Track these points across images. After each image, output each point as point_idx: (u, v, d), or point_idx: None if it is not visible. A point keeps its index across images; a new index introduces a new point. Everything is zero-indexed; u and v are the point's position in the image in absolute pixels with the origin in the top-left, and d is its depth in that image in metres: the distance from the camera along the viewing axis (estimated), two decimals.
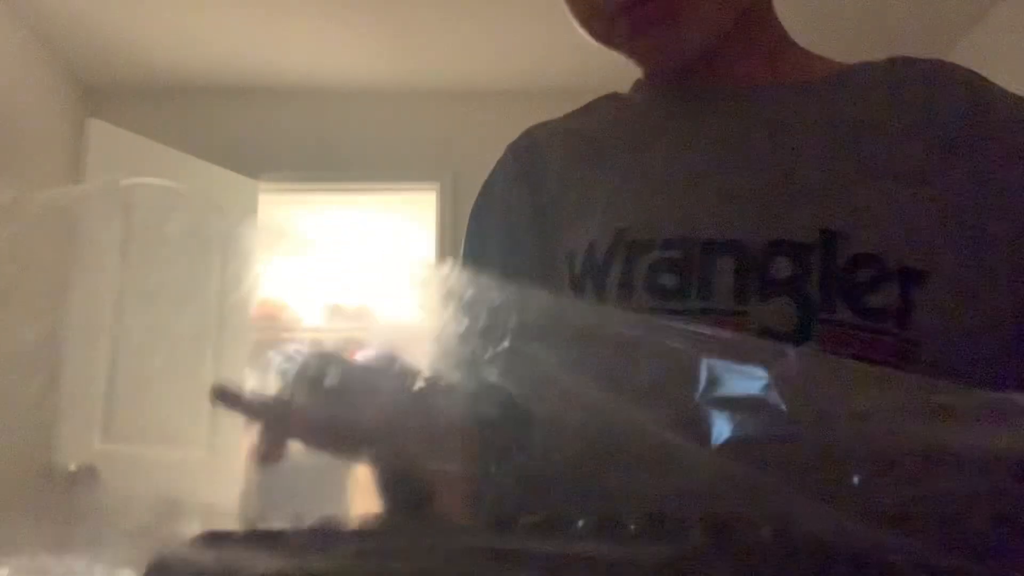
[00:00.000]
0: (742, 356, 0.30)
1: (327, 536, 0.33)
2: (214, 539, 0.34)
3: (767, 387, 0.29)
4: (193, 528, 0.36)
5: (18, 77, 3.34)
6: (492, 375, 0.39)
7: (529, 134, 0.79)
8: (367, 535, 0.31)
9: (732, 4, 0.69)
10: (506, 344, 0.38)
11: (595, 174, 0.71)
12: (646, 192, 0.66)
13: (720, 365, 0.29)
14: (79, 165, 3.33)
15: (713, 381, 0.29)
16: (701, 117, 0.70)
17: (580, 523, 0.29)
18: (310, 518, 0.34)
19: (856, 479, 0.28)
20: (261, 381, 0.54)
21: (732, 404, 0.29)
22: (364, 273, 0.56)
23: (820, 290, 0.57)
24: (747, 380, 0.29)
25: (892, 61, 0.71)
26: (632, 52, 0.70)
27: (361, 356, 0.55)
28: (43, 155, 3.48)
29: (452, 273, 0.41)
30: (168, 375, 0.51)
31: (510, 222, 0.75)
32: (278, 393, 0.53)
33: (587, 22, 0.70)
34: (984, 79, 0.70)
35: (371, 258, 0.55)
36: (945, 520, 0.28)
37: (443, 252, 3.74)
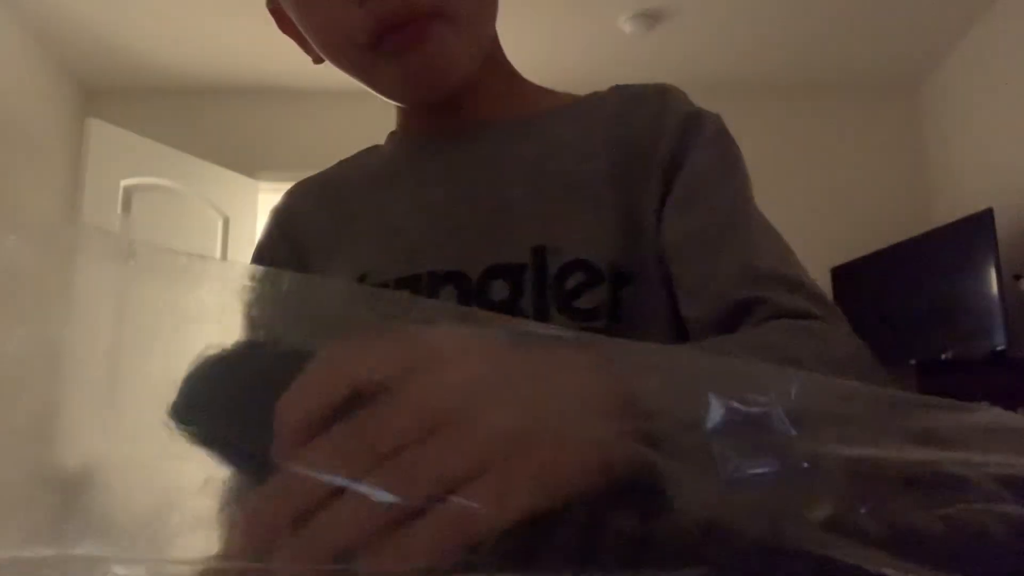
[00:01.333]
0: (746, 380, 0.30)
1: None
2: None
3: (772, 412, 0.29)
4: (193, 528, 0.36)
5: (18, 78, 3.35)
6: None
7: (288, 193, 0.81)
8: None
9: (486, 32, 0.71)
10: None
11: (338, 221, 0.74)
12: (380, 235, 0.70)
13: (724, 392, 0.29)
14: (79, 165, 3.34)
15: (718, 408, 0.29)
16: (434, 156, 0.74)
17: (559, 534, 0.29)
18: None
19: (863, 509, 0.28)
20: None
21: (739, 432, 0.29)
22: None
23: (534, 302, 0.62)
24: (752, 405, 0.29)
25: (611, 89, 0.76)
26: (399, 74, 0.67)
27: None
28: (43, 155, 3.48)
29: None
30: (168, 375, 0.51)
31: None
32: None
33: (341, 52, 0.69)
34: (687, 100, 0.73)
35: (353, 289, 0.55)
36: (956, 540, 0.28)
37: None
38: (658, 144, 0.68)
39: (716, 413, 0.28)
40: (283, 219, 0.79)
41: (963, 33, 3.53)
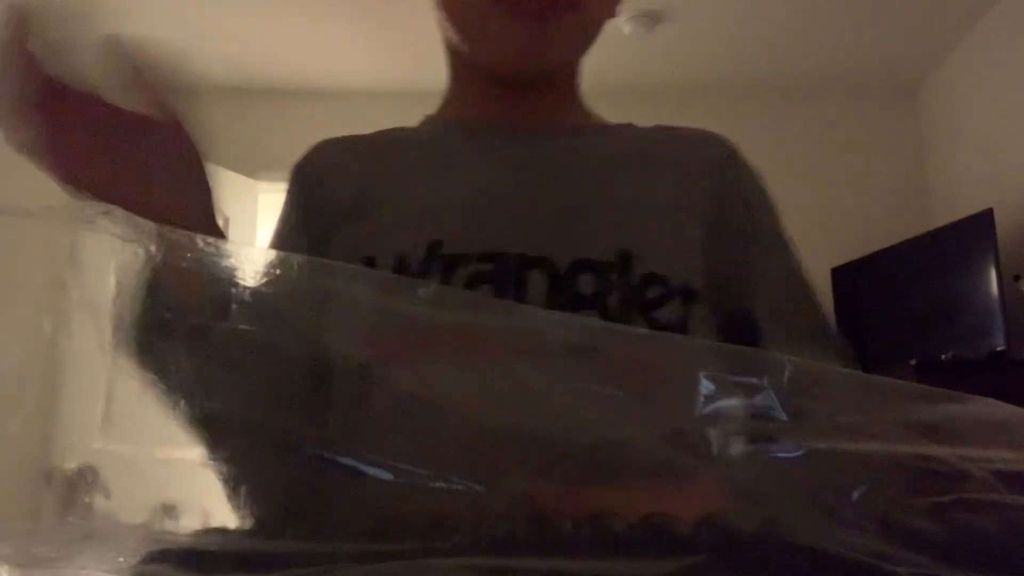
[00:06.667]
0: (739, 366, 0.30)
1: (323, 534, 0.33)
2: (212, 532, 0.34)
3: (766, 397, 0.29)
4: (192, 528, 0.36)
5: None
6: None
7: (317, 149, 0.80)
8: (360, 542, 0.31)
9: (600, 28, 0.74)
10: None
11: (397, 190, 0.72)
12: (455, 209, 0.69)
13: (718, 376, 0.29)
14: None
15: (712, 393, 0.29)
16: (508, 143, 0.74)
17: (571, 528, 0.29)
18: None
19: (856, 494, 0.28)
20: None
21: (731, 415, 0.29)
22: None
23: (619, 304, 0.63)
24: (745, 390, 0.29)
25: (654, 127, 0.79)
26: (510, 36, 0.69)
27: None
28: None
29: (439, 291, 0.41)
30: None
31: (293, 232, 0.76)
32: None
33: (458, 9, 0.70)
34: (735, 146, 0.78)
35: (363, 272, 0.55)
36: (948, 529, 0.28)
37: None
38: (723, 199, 0.72)
39: (708, 394, 0.28)
40: (312, 176, 0.77)
41: (963, 33, 3.53)
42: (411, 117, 0.84)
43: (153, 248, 0.37)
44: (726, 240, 0.70)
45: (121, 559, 0.32)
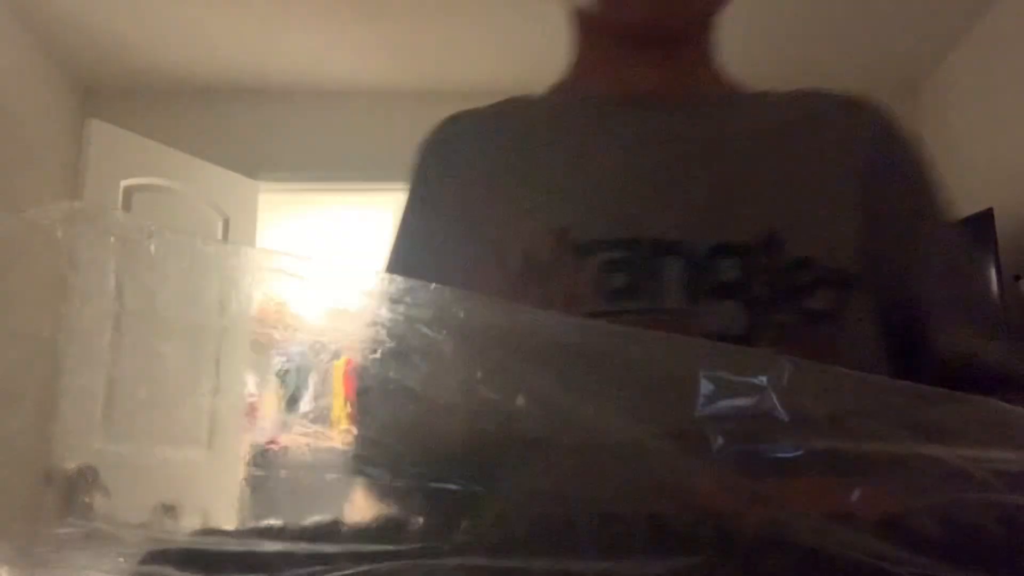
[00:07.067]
0: (738, 366, 0.30)
1: (322, 535, 0.33)
2: (210, 533, 0.34)
3: (766, 397, 0.29)
4: (192, 528, 0.36)
5: (18, 78, 3.34)
6: (488, 393, 0.38)
7: (449, 123, 0.75)
8: (362, 540, 0.31)
9: None
10: (500, 362, 0.38)
11: (527, 170, 0.68)
12: (586, 192, 0.65)
13: (716, 376, 0.29)
14: (79, 165, 3.33)
15: (710, 392, 0.29)
16: (643, 118, 0.69)
17: (582, 528, 0.29)
18: (307, 520, 0.34)
19: (856, 494, 0.28)
20: (261, 381, 0.54)
21: (731, 415, 0.29)
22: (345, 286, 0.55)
23: (765, 290, 0.58)
24: (744, 390, 0.29)
25: (800, 90, 0.73)
26: None
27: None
28: (43, 155, 3.48)
29: (445, 292, 0.41)
30: (168, 375, 0.51)
31: (423, 212, 0.73)
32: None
33: None
34: (892, 114, 0.73)
35: (367, 272, 0.54)
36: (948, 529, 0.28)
37: None
38: (884, 175, 0.67)
39: (707, 394, 0.28)
40: (440, 155, 0.74)
41: (963, 33, 3.53)
42: (411, 117, 0.84)
43: (153, 248, 0.37)
44: (886, 220, 0.64)
45: (121, 559, 0.32)
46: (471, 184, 0.69)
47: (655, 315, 0.58)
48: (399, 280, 0.41)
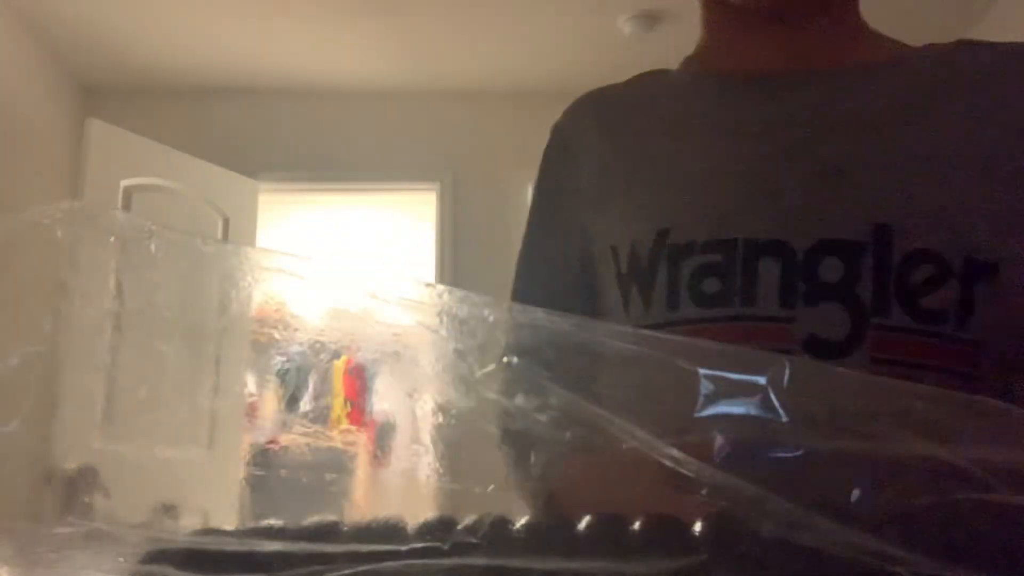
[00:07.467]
0: (739, 366, 0.30)
1: (322, 535, 0.33)
2: (210, 533, 0.34)
3: (765, 397, 0.29)
4: (192, 528, 0.36)
5: (18, 77, 3.34)
6: (489, 392, 0.38)
7: (573, 110, 0.75)
8: (362, 539, 0.31)
9: None
10: (504, 361, 0.38)
11: (626, 159, 0.67)
12: (685, 188, 0.62)
13: (718, 376, 0.29)
14: (79, 165, 3.33)
15: (711, 393, 0.29)
16: (749, 104, 0.65)
17: (582, 526, 0.29)
18: (307, 520, 0.34)
19: (855, 493, 0.28)
20: (260, 381, 0.54)
21: (732, 415, 0.29)
22: (359, 287, 0.55)
23: (873, 293, 0.54)
24: (745, 390, 0.29)
25: (958, 44, 0.66)
26: None
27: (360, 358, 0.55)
28: (43, 155, 3.48)
29: (445, 292, 0.41)
30: (168, 375, 0.51)
31: (546, 204, 0.73)
32: None
33: None
34: None
35: (367, 272, 0.54)
36: (948, 529, 0.28)
37: (443, 252, 3.74)
38: None
39: (707, 394, 0.28)
40: (563, 142, 0.73)
41: (963, 33, 3.53)
42: (411, 117, 0.84)
43: (153, 248, 0.37)
44: None
45: (121, 559, 0.32)
46: (583, 185, 0.69)
47: (749, 322, 0.56)
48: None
